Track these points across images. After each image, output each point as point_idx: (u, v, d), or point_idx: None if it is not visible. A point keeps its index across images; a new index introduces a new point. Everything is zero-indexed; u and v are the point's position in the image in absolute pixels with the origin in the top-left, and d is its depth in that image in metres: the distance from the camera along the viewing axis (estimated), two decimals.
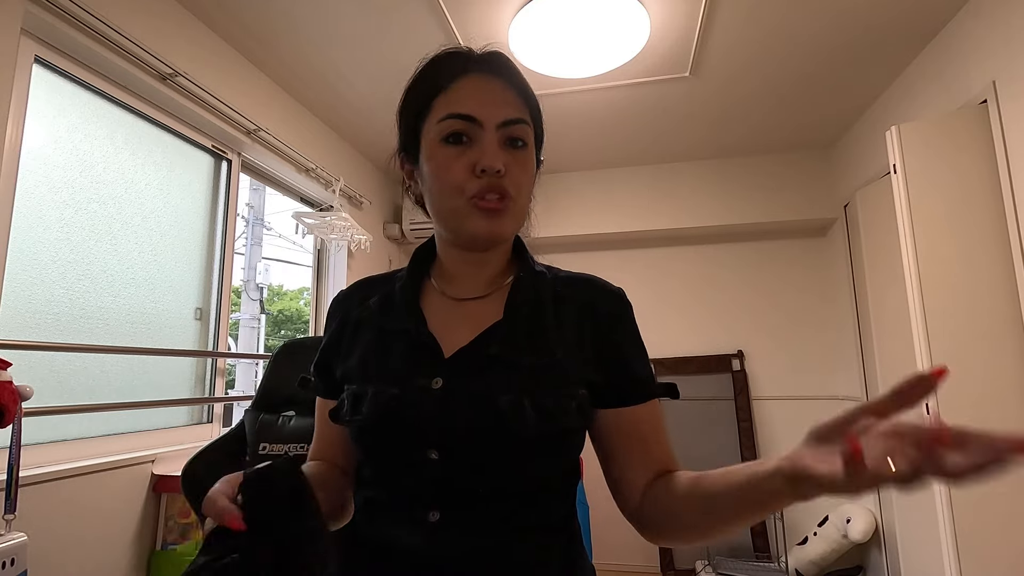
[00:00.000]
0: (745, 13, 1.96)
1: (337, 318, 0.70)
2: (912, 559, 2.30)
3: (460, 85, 0.61)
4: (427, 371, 0.60)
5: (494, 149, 0.58)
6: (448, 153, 0.59)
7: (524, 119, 0.61)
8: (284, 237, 5.57)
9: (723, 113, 2.73)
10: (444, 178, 0.59)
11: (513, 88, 0.62)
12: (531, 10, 1.87)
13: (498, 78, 0.62)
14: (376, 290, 0.70)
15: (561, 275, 0.69)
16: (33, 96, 1.49)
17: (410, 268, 0.69)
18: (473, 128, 0.59)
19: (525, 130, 0.61)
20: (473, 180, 0.58)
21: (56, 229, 1.58)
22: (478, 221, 0.59)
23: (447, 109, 0.60)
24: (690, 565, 3.05)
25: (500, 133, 0.59)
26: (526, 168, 0.61)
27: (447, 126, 0.59)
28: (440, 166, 0.59)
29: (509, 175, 0.59)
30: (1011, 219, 1.72)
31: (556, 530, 0.60)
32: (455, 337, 0.62)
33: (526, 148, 0.61)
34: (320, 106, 2.60)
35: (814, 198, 3.14)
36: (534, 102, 0.64)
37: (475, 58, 0.63)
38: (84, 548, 1.49)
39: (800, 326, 3.27)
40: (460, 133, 0.59)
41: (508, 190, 0.59)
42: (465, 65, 0.62)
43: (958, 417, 1.68)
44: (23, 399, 1.24)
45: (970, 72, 1.91)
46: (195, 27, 1.95)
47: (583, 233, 3.39)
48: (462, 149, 0.59)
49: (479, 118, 0.59)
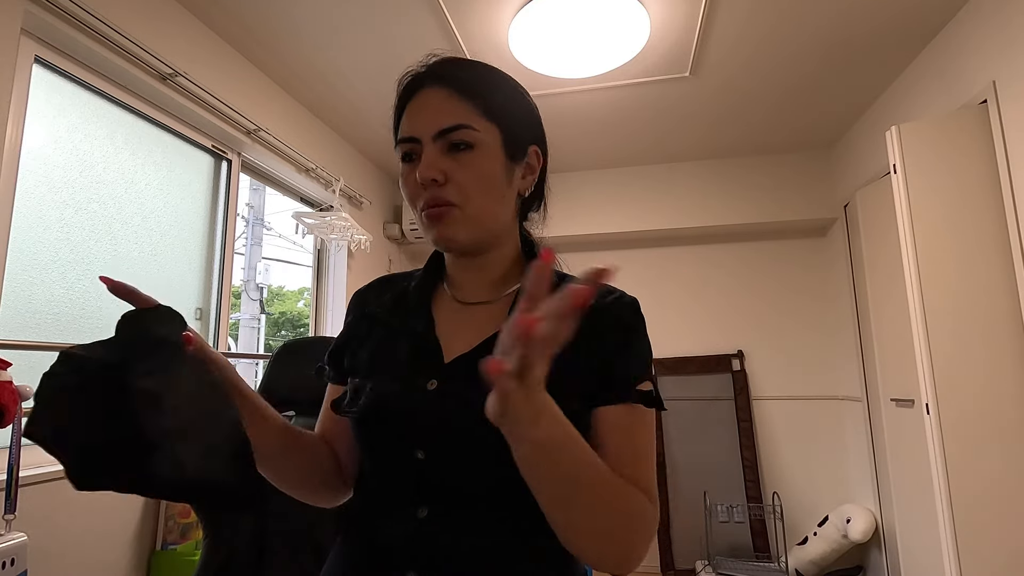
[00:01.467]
0: (745, 13, 1.96)
1: (355, 312, 0.73)
2: (912, 559, 2.30)
3: (409, 107, 0.64)
4: (426, 372, 0.61)
5: (428, 161, 0.60)
6: (404, 171, 0.64)
7: (463, 124, 0.60)
8: (284, 237, 5.56)
9: (723, 113, 2.73)
10: (405, 194, 0.64)
11: (458, 93, 0.61)
12: (531, 10, 1.87)
13: (443, 87, 0.62)
14: (392, 289, 0.72)
15: (568, 281, 0.68)
16: (33, 96, 1.49)
17: (426, 269, 0.71)
18: (416, 146, 0.62)
19: (467, 133, 0.60)
20: (421, 192, 0.61)
21: (56, 229, 1.58)
22: (429, 230, 0.63)
23: (400, 135, 0.64)
24: (690, 565, 3.05)
25: (440, 143, 0.61)
26: (473, 170, 0.61)
27: (400, 149, 0.64)
28: (402, 183, 0.64)
29: (452, 182, 0.60)
30: (1011, 219, 1.72)
31: (549, 533, 0.58)
32: (459, 342, 0.63)
33: (472, 150, 0.61)
34: (320, 106, 2.60)
35: (814, 198, 3.14)
36: (493, 94, 0.63)
37: (422, 76, 0.64)
38: (84, 548, 1.49)
39: (800, 326, 3.27)
40: (409, 153, 0.63)
41: (448, 198, 0.60)
42: (414, 85, 0.64)
43: (958, 417, 1.68)
44: (23, 399, 1.24)
45: (970, 72, 1.91)
46: (195, 27, 1.95)
47: (583, 233, 3.39)
48: (412, 166, 0.62)
49: (415, 135, 0.62)
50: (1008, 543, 1.61)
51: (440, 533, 0.56)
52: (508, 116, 0.64)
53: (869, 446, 2.78)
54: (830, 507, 3.00)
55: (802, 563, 2.85)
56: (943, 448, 1.67)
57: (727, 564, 2.88)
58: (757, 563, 2.93)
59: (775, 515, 2.99)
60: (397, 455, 0.59)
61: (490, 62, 0.69)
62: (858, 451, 2.95)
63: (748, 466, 3.10)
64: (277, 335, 8.53)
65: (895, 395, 2.40)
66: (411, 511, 0.57)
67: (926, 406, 1.73)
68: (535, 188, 0.69)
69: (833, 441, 3.13)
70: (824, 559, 2.82)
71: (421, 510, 0.57)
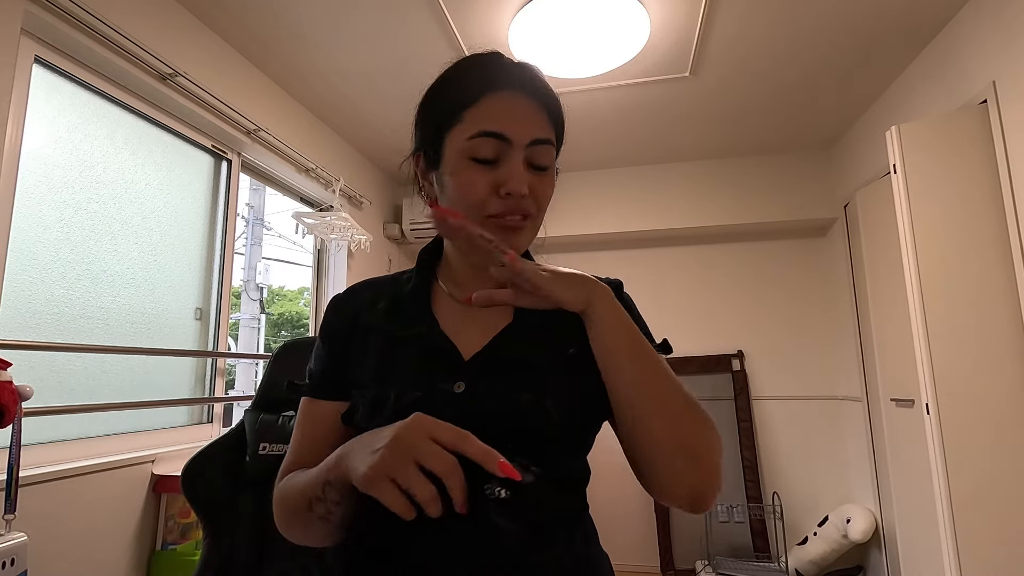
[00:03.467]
0: (745, 13, 1.96)
1: (344, 321, 0.68)
2: (912, 559, 2.30)
3: (491, 100, 0.60)
4: (447, 374, 0.59)
5: (520, 172, 0.59)
6: (475, 171, 0.59)
7: (551, 139, 0.62)
8: (284, 237, 5.56)
9: (723, 113, 2.73)
10: (468, 195, 0.60)
11: (542, 105, 0.62)
12: (531, 10, 1.87)
13: (534, 100, 0.61)
14: (382, 293, 0.69)
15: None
16: (33, 96, 1.49)
17: (418, 270, 0.70)
18: (502, 146, 0.59)
19: (550, 151, 0.62)
20: (496, 200, 0.59)
21: (56, 229, 1.58)
22: (502, 239, 0.59)
23: (477, 126, 0.59)
24: (690, 565, 3.05)
25: (527, 153, 0.60)
26: (548, 188, 0.63)
27: (478, 144, 0.59)
28: (464, 183, 0.60)
29: (532, 194, 0.60)
30: (1011, 219, 1.72)
31: (577, 521, 0.62)
32: (469, 340, 0.62)
33: (547, 170, 0.63)
34: (320, 106, 2.60)
35: (814, 198, 3.14)
36: (560, 118, 0.65)
37: (505, 71, 0.62)
38: (84, 548, 1.49)
39: (800, 326, 3.27)
40: (489, 149, 0.59)
41: (531, 210, 0.61)
42: (495, 78, 0.61)
43: (958, 417, 1.68)
44: (23, 399, 1.24)
45: (970, 72, 1.91)
46: (195, 27, 1.95)
47: (583, 233, 3.39)
48: (489, 169, 0.59)
49: (509, 136, 0.58)
50: (1007, 543, 1.61)
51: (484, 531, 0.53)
52: (561, 141, 0.67)
53: (869, 446, 2.78)
54: (830, 507, 3.00)
55: (802, 563, 2.85)
56: (943, 448, 1.67)
57: (727, 564, 2.88)
58: (757, 563, 2.93)
59: (775, 515, 2.99)
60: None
61: None
62: (858, 451, 2.95)
63: (748, 466, 3.10)
64: (278, 335, 8.52)
65: (895, 395, 2.40)
66: (442, 522, 0.53)
67: (926, 406, 1.73)
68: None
69: (833, 441, 3.14)
70: (824, 559, 2.82)
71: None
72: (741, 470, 3.11)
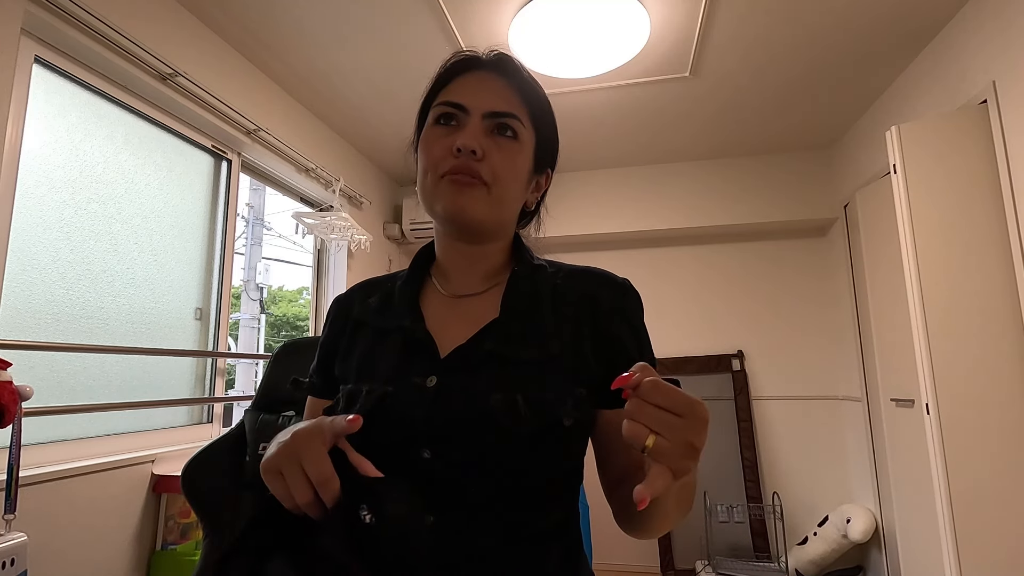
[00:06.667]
0: (745, 13, 1.96)
1: (339, 319, 0.70)
2: (912, 559, 2.30)
3: (461, 80, 0.64)
4: (422, 369, 0.59)
5: (472, 132, 0.60)
6: (435, 133, 0.63)
7: (515, 114, 0.62)
8: (284, 237, 5.56)
9: (723, 113, 2.73)
10: (426, 155, 0.63)
11: (514, 88, 0.64)
12: (531, 10, 1.87)
13: (500, 77, 0.64)
14: (377, 291, 0.71)
15: (564, 269, 0.69)
16: (33, 96, 1.49)
17: (411, 267, 0.70)
18: (460, 114, 0.62)
19: (517, 124, 0.62)
20: (450, 158, 0.60)
21: (56, 229, 1.58)
22: (446, 194, 0.60)
23: (443, 98, 0.64)
24: (690, 565, 3.05)
25: (487, 123, 0.61)
26: (509, 157, 0.62)
27: (439, 110, 0.63)
28: (426, 143, 0.63)
29: (488, 160, 0.60)
30: (1011, 219, 1.72)
31: (556, 535, 0.59)
32: (452, 335, 0.62)
33: (515, 140, 0.62)
34: (320, 106, 2.60)
35: (814, 198, 3.14)
36: (540, 105, 0.66)
37: (482, 60, 0.65)
38: (84, 548, 1.49)
39: (800, 326, 3.27)
40: (449, 115, 0.62)
41: (481, 173, 0.60)
42: (468, 64, 0.65)
43: (958, 417, 1.68)
44: (23, 399, 1.24)
45: (970, 72, 1.91)
46: (195, 27, 1.95)
47: (583, 233, 3.39)
48: (448, 131, 0.62)
49: (466, 105, 0.61)
50: (1008, 542, 1.61)
51: (451, 539, 0.54)
52: (545, 131, 0.67)
53: (869, 446, 2.78)
54: (830, 507, 3.00)
55: (802, 563, 2.85)
56: (943, 448, 1.67)
57: (727, 564, 2.88)
58: (757, 563, 2.93)
59: (775, 515, 2.99)
60: (402, 458, 0.57)
61: None
62: (858, 451, 2.95)
63: (748, 466, 3.10)
64: (277, 335, 8.51)
65: (895, 395, 2.40)
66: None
67: (926, 406, 1.73)
68: (535, 206, 0.72)
69: (833, 441, 3.13)
70: (824, 559, 2.82)
71: (427, 517, 0.55)
72: (741, 470, 3.11)
